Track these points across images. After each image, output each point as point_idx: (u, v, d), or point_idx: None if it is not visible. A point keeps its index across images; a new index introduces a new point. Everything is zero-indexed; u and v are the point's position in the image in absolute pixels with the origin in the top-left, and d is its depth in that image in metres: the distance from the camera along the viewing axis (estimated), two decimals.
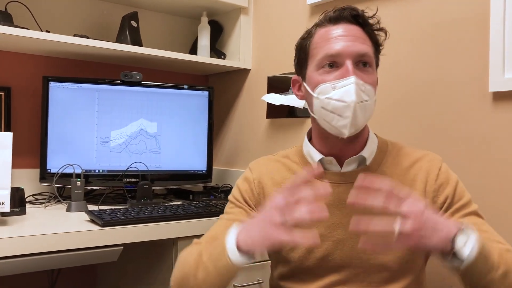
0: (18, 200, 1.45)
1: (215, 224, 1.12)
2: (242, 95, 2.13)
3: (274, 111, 1.93)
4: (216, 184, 2.11)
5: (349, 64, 0.96)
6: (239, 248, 0.87)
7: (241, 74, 2.13)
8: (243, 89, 2.12)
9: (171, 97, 1.86)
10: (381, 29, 1.04)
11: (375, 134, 1.10)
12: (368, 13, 1.03)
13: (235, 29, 2.09)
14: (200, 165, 1.92)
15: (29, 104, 1.85)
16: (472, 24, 1.30)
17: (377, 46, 1.04)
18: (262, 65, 2.02)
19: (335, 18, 1.01)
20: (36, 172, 1.80)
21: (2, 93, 1.78)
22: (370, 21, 1.02)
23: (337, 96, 0.96)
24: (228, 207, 1.14)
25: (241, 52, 2.06)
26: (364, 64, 0.99)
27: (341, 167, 1.04)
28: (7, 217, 1.39)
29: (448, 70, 1.36)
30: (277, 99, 1.84)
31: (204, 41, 2.04)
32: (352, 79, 0.95)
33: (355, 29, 1.00)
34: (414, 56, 1.44)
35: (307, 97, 1.05)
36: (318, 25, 1.04)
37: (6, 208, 1.28)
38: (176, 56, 1.88)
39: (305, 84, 1.05)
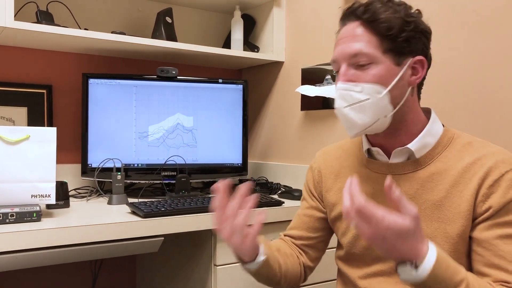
0: (62, 194, 1.50)
1: (295, 214, 1.23)
2: (276, 87, 2.13)
3: (308, 103, 1.92)
4: (252, 177, 2.12)
5: (342, 68, 0.97)
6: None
7: (274, 67, 2.13)
8: (277, 81, 2.12)
9: (206, 91, 1.88)
10: (383, 18, 0.94)
11: (443, 126, 1.03)
12: (368, 4, 0.96)
13: (268, 22, 2.09)
14: (235, 158, 1.94)
15: (69, 101, 1.91)
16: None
17: (387, 35, 0.94)
18: (295, 57, 2.02)
19: (342, 18, 1.01)
20: (77, 167, 1.86)
21: (44, 91, 1.84)
22: (366, 14, 0.95)
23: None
24: (302, 198, 1.24)
25: (274, 45, 2.06)
26: (362, 63, 0.95)
27: (390, 158, 1.03)
28: (53, 210, 1.44)
29: (491, 59, 1.32)
30: (311, 90, 1.83)
31: (237, 35, 2.05)
32: (338, 85, 0.97)
33: (352, 27, 0.97)
34: (456, 45, 1.41)
35: None
36: (340, 28, 1.04)
37: (52, 200, 1.33)
38: (210, 50, 1.90)
39: None
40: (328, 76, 1.82)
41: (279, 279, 1.08)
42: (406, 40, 0.95)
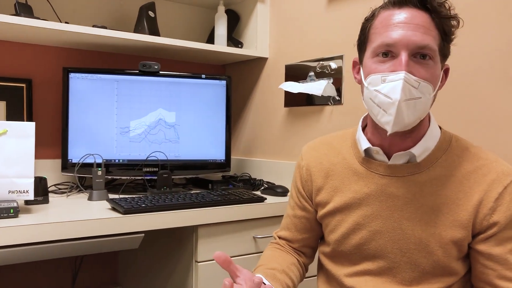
0: (42, 189, 1.47)
1: (285, 213, 1.21)
2: (260, 84, 2.12)
3: (292, 100, 1.92)
4: (235, 173, 2.11)
5: (403, 56, 0.89)
6: None
7: (258, 63, 2.12)
8: (261, 78, 2.12)
9: (189, 87, 1.86)
10: (453, 17, 0.93)
11: (440, 128, 1.02)
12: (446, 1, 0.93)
13: (252, 17, 2.08)
14: (218, 154, 1.93)
15: (49, 95, 1.88)
16: (494, 5, 1.27)
17: (445, 36, 0.93)
18: (279, 53, 2.01)
19: (400, 0, 0.92)
20: (57, 162, 1.83)
21: (23, 85, 1.81)
22: (442, 9, 0.91)
23: (385, 90, 0.90)
24: (289, 195, 1.22)
25: (258, 41, 2.05)
26: (423, 57, 0.90)
27: (389, 159, 1.00)
28: (31, 206, 1.42)
29: (469, 54, 1.33)
30: (295, 87, 1.83)
31: (221, 30, 2.04)
32: (401, 74, 0.88)
33: (420, 16, 0.90)
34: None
35: (360, 83, 1.00)
36: (382, 6, 0.96)
37: (30, 196, 1.31)
38: (193, 45, 1.88)
39: (361, 69, 1.00)
40: (312, 73, 1.82)
41: None
42: (449, 46, 0.95)
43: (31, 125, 1.34)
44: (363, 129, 1.06)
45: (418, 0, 0.91)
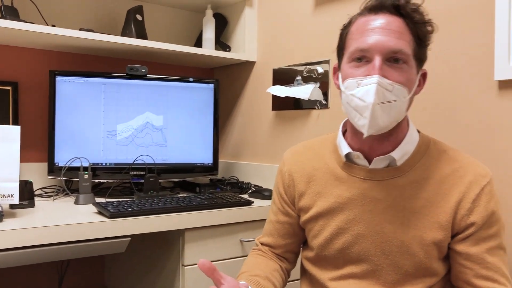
0: (27, 193, 1.46)
1: (267, 219, 1.21)
2: (248, 87, 2.13)
3: (279, 103, 1.93)
4: (223, 177, 2.12)
5: (377, 60, 0.91)
6: None
7: (246, 66, 2.13)
8: (249, 81, 2.12)
9: (176, 90, 1.87)
10: (427, 22, 0.95)
11: (419, 132, 1.04)
12: (415, 3, 0.96)
13: (240, 21, 2.09)
14: (206, 157, 1.93)
15: (36, 98, 1.87)
16: (477, 12, 1.29)
17: (420, 40, 0.95)
18: (267, 57, 2.02)
19: (375, 7, 0.95)
20: (44, 166, 1.82)
21: (9, 88, 1.79)
22: (416, 14, 0.94)
23: (360, 94, 0.92)
24: (272, 201, 1.21)
25: (246, 44, 2.06)
26: (397, 61, 0.92)
27: (370, 163, 1.01)
28: (16, 210, 1.41)
29: (453, 59, 1.35)
30: (282, 91, 1.84)
31: (209, 34, 2.04)
32: (374, 78, 0.90)
33: (394, 22, 0.93)
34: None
35: (339, 88, 1.02)
36: (359, 13, 0.98)
37: (15, 200, 1.30)
38: (181, 49, 1.88)
39: (339, 74, 1.02)
40: (299, 77, 1.83)
41: None
42: (426, 51, 0.98)
43: (16, 129, 1.33)
44: (344, 134, 1.08)
45: (392, 6, 0.94)
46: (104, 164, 1.77)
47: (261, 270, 1.08)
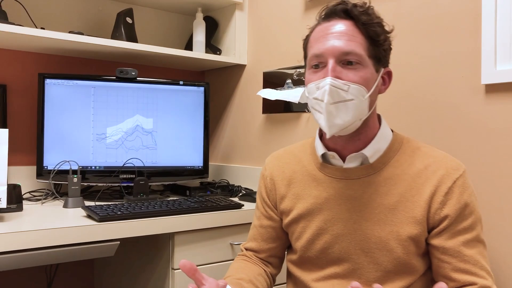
0: (15, 197, 1.45)
1: (251, 224, 1.23)
2: (238, 90, 2.13)
3: (270, 106, 1.93)
4: (213, 180, 2.12)
5: (330, 63, 0.96)
6: None
7: (236, 69, 2.13)
8: (239, 84, 2.13)
9: (166, 93, 1.86)
10: (375, 23, 1.00)
11: (392, 131, 1.07)
12: (362, 6, 1.00)
13: (230, 24, 2.09)
14: (196, 160, 1.93)
15: (24, 101, 1.85)
16: (464, 17, 1.31)
17: (372, 40, 0.99)
18: (257, 60, 2.03)
19: (328, 14, 1.01)
20: (33, 169, 1.81)
21: None
22: (363, 16, 0.98)
23: (318, 95, 0.97)
24: (255, 206, 1.23)
25: (236, 47, 2.06)
26: (350, 63, 0.96)
27: (344, 162, 1.04)
28: (4, 214, 1.40)
29: (440, 63, 1.37)
30: (272, 94, 1.85)
31: (199, 37, 2.04)
32: (327, 80, 0.95)
33: (345, 25, 0.98)
34: (407, 49, 1.45)
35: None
36: (316, 23, 1.04)
37: (3, 204, 1.29)
38: (171, 52, 1.88)
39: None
40: (289, 80, 1.84)
41: None
42: (384, 50, 1.01)
43: (4, 132, 1.32)
44: (321, 137, 1.10)
45: (342, 11, 0.99)
46: (93, 168, 1.76)
47: (245, 274, 1.09)
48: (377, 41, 0.99)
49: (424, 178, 0.99)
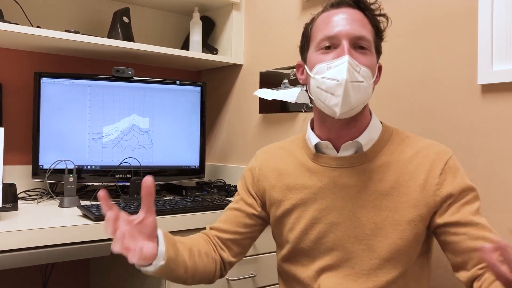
0: (10, 196, 1.44)
1: (226, 208, 1.21)
2: (235, 90, 2.13)
3: (266, 106, 1.93)
4: (209, 180, 2.11)
5: (345, 44, 0.97)
6: None
7: (233, 69, 2.13)
8: (236, 84, 2.13)
9: (163, 93, 1.86)
10: (382, 15, 1.06)
11: (381, 122, 1.10)
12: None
13: (227, 24, 2.09)
14: (192, 160, 1.93)
15: (20, 100, 1.84)
16: (461, 17, 1.31)
17: (378, 31, 1.05)
18: (254, 60, 2.03)
19: (337, 3, 1.03)
20: (28, 168, 1.80)
21: None
22: (372, 6, 1.04)
23: (331, 75, 0.97)
24: (235, 196, 1.22)
25: (233, 47, 2.06)
26: (362, 47, 1.00)
27: (338, 152, 1.06)
28: None
29: (437, 63, 1.37)
30: (269, 94, 1.85)
31: (196, 37, 2.04)
32: (345, 58, 0.96)
33: (355, 13, 1.02)
34: (404, 49, 1.45)
35: (306, 78, 1.07)
36: (322, 10, 1.06)
37: None
38: (168, 51, 1.88)
39: (306, 66, 1.07)
40: (286, 80, 1.84)
41: (184, 280, 1.03)
42: (381, 44, 1.07)
43: (0, 131, 1.31)
44: (312, 129, 1.11)
45: (352, 0, 1.03)
46: (89, 167, 1.75)
47: (189, 241, 1.06)
48: (381, 33, 1.06)
49: (416, 163, 1.01)
